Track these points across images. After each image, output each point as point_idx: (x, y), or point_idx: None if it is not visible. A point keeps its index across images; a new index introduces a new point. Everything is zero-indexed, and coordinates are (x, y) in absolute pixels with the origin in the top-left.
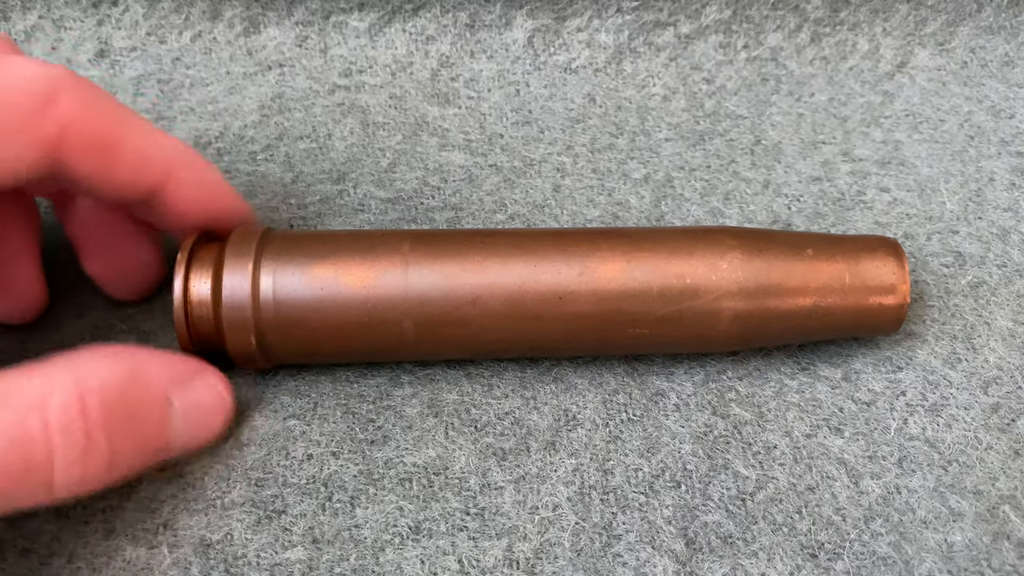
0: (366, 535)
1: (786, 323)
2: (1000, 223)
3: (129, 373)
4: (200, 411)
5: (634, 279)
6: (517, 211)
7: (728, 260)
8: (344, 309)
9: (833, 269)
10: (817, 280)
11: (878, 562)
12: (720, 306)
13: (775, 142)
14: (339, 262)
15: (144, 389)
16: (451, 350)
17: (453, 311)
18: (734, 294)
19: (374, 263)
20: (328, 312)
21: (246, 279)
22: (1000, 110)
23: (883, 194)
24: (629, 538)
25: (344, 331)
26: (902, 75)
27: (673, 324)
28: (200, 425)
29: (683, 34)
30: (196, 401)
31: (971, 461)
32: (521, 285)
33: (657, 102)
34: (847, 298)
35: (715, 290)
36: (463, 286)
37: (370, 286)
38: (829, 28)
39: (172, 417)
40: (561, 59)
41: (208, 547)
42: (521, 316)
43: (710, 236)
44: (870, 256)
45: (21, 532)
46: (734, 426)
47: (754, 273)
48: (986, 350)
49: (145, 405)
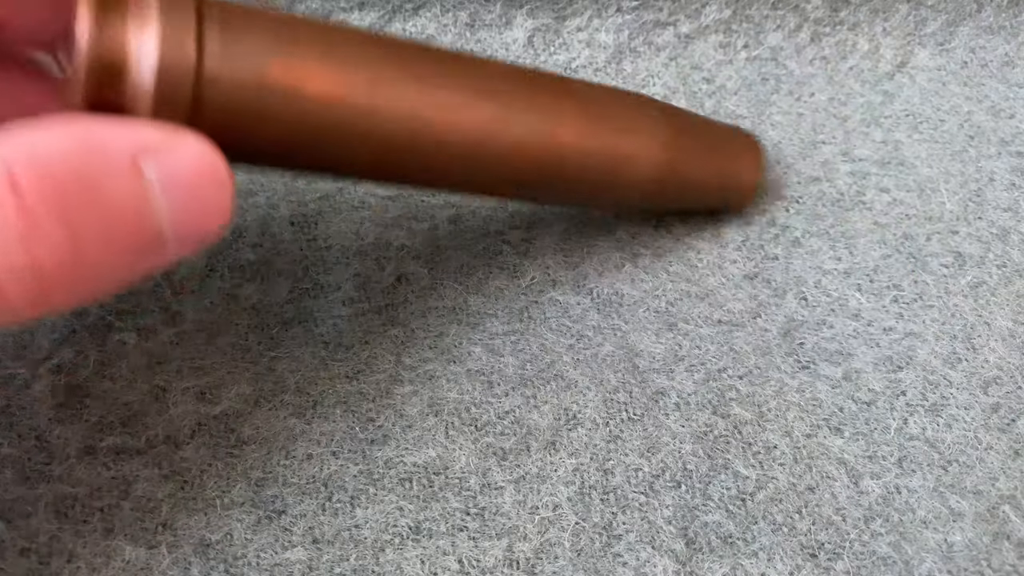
0: (366, 535)
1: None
2: (1000, 223)
3: (79, 140)
4: (188, 183)
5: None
6: (518, 209)
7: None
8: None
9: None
10: (716, 151)
11: (878, 562)
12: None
13: (775, 142)
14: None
15: (102, 156)
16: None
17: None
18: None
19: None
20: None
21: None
22: (1000, 110)
23: (883, 194)
24: (629, 538)
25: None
26: (902, 75)
27: (601, 136)
28: (192, 201)
29: (683, 34)
30: (179, 170)
31: (971, 461)
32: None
33: None
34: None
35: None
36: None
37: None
38: (829, 28)
39: (149, 191)
40: (561, 59)
41: (208, 547)
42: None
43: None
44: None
45: (20, 532)
46: (734, 426)
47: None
48: (986, 350)
49: (107, 177)
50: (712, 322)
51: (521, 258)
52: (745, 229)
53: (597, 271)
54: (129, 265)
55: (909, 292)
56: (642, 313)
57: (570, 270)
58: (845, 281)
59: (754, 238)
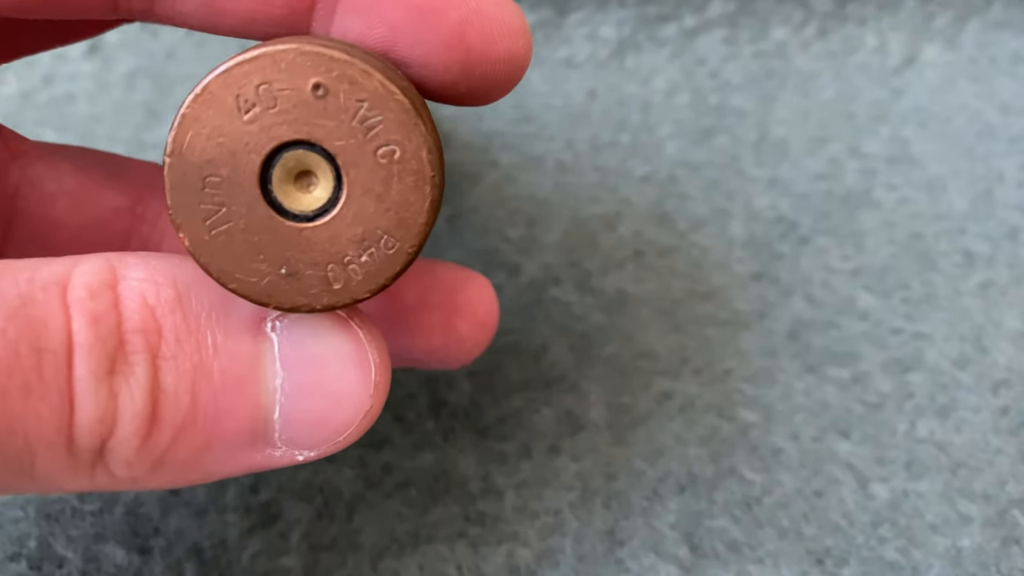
0: (364, 541)
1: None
2: (1010, 222)
3: (199, 276)
4: (318, 366)
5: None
6: (518, 207)
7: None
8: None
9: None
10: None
11: (885, 567)
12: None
13: (781, 138)
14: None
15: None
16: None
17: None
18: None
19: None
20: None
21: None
22: (1010, 107)
23: (891, 192)
24: (632, 544)
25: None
26: (910, 71)
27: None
28: (317, 392)
29: (687, 28)
30: (312, 347)
31: (980, 465)
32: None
33: (660, 98)
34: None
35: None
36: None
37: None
38: (836, 23)
39: (264, 356)
40: (562, 54)
41: (201, 553)
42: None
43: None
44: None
45: (9, 536)
46: (740, 429)
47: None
48: (996, 351)
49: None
50: (718, 322)
51: (521, 256)
52: (751, 226)
53: (600, 269)
54: (219, 454)
55: (918, 292)
56: (646, 313)
57: (572, 268)
58: (853, 280)
59: (760, 236)
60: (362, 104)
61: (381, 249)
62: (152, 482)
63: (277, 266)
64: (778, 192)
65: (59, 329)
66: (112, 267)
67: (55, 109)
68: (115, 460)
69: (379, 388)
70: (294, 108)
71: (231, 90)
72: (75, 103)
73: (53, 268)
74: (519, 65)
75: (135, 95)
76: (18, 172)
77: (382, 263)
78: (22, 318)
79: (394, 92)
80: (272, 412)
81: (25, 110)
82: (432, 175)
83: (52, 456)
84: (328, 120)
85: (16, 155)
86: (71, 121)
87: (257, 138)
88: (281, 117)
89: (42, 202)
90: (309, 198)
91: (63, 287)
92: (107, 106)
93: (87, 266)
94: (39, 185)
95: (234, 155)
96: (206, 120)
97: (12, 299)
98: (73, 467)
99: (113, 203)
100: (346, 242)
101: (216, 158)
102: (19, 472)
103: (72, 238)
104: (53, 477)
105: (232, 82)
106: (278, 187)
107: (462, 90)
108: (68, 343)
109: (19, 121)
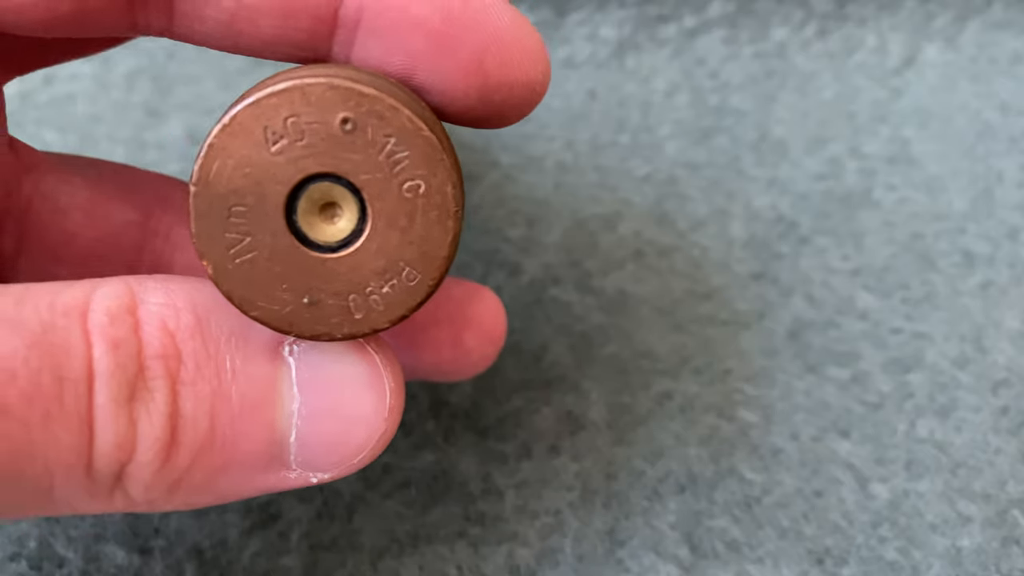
0: (364, 541)
1: None
2: (1010, 222)
3: (219, 300)
4: (334, 390)
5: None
6: (518, 207)
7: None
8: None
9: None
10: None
11: (885, 567)
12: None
13: (781, 138)
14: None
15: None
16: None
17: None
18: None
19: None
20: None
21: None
22: (1009, 107)
23: (891, 192)
24: (632, 544)
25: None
26: (910, 71)
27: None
28: (333, 416)
29: (687, 28)
30: (329, 372)
31: (980, 465)
32: None
33: (660, 98)
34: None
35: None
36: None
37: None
38: (836, 23)
39: (282, 380)
40: (562, 54)
41: (202, 553)
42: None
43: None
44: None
45: (9, 536)
46: (740, 429)
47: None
48: (995, 351)
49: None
50: (718, 322)
51: (521, 256)
52: (751, 226)
53: (600, 269)
54: (236, 475)
55: (917, 292)
56: (646, 313)
57: (572, 268)
58: (853, 280)
59: (760, 236)
60: (389, 139)
61: (403, 281)
62: (168, 504)
63: (299, 295)
64: (778, 192)
65: (80, 356)
66: (132, 291)
67: (55, 109)
68: (133, 484)
69: (393, 411)
70: (322, 142)
71: (259, 121)
72: (75, 103)
73: (74, 292)
74: (537, 90)
75: (135, 95)
76: (31, 185)
77: (403, 294)
78: (44, 346)
79: (421, 128)
80: (288, 435)
81: (25, 110)
82: (455, 210)
83: (71, 481)
84: (355, 154)
85: (29, 168)
86: (71, 121)
87: (284, 170)
88: (308, 150)
89: (55, 215)
90: (333, 229)
91: (83, 312)
92: (107, 106)
93: (107, 289)
94: (52, 198)
95: (260, 186)
96: (233, 151)
97: (34, 326)
98: (91, 491)
99: (125, 216)
100: (368, 273)
101: (242, 188)
102: (37, 496)
103: (85, 251)
104: (71, 501)
105: (260, 113)
106: (303, 218)
107: (480, 114)
108: (89, 371)
109: (19, 121)
